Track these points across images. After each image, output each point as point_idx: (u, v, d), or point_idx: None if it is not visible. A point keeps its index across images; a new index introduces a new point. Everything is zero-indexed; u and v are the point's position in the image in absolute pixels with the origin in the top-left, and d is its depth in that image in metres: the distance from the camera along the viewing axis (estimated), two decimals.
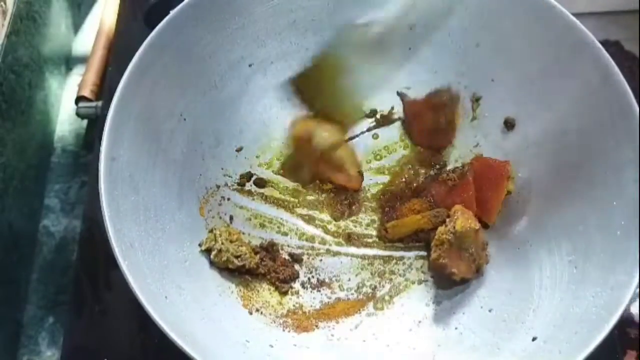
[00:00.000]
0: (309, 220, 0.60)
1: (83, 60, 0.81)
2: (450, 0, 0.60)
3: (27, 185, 0.67)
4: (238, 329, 0.51)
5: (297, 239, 0.59)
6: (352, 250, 0.59)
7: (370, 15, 0.62)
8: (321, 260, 0.58)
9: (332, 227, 0.60)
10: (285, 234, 0.60)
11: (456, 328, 0.53)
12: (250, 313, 0.53)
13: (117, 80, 0.50)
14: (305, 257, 0.58)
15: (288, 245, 0.59)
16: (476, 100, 0.62)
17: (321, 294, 0.56)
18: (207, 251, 0.54)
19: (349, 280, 0.57)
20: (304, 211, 0.61)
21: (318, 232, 0.60)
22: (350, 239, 0.59)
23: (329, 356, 0.52)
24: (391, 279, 0.57)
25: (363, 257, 0.58)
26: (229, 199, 0.60)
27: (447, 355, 0.51)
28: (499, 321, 0.51)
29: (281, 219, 0.60)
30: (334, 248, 0.59)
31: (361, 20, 0.62)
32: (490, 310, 0.52)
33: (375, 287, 0.57)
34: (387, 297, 0.56)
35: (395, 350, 0.52)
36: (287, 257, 0.57)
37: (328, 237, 0.59)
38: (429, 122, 0.61)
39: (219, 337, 0.48)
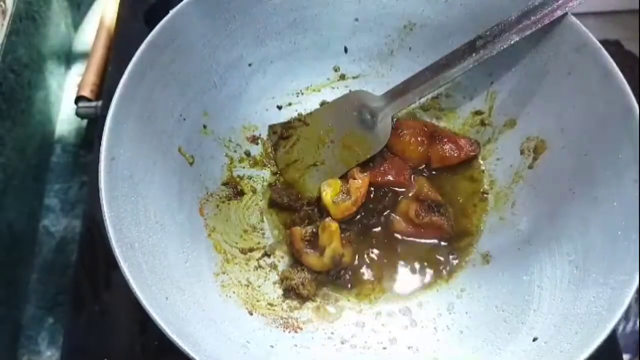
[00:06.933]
0: None
1: (83, 59, 0.81)
2: (451, 0, 0.60)
3: (27, 185, 0.67)
4: (238, 329, 0.51)
5: None
6: None
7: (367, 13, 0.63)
8: None
9: None
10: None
11: (457, 328, 0.53)
12: (251, 314, 0.53)
13: (117, 80, 0.50)
14: None
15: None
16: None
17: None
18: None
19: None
20: None
21: None
22: None
23: (329, 356, 0.52)
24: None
25: None
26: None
27: (448, 356, 0.51)
28: (500, 322, 0.51)
29: None
30: None
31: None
32: (490, 311, 0.52)
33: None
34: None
35: (396, 350, 0.52)
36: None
37: None
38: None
39: (220, 337, 0.48)
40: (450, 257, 0.58)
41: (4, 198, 0.61)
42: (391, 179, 0.61)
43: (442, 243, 0.59)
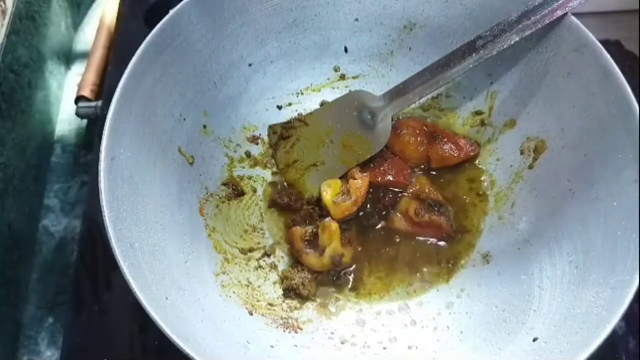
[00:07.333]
0: None
1: (83, 59, 0.81)
2: (451, 0, 0.60)
3: (27, 185, 0.67)
4: (239, 329, 0.51)
5: None
6: None
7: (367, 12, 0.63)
8: None
9: None
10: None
11: (457, 328, 0.53)
12: (251, 314, 0.53)
13: (117, 80, 0.50)
14: None
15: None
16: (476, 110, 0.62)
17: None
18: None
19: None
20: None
21: None
22: None
23: (329, 356, 0.52)
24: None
25: None
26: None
27: (447, 356, 0.51)
28: (500, 322, 0.51)
29: None
30: None
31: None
32: (490, 311, 0.52)
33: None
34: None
35: (396, 350, 0.52)
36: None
37: None
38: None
39: (220, 337, 0.48)
40: (450, 256, 0.58)
41: (4, 198, 0.61)
42: (391, 178, 0.61)
43: (442, 242, 0.59)
